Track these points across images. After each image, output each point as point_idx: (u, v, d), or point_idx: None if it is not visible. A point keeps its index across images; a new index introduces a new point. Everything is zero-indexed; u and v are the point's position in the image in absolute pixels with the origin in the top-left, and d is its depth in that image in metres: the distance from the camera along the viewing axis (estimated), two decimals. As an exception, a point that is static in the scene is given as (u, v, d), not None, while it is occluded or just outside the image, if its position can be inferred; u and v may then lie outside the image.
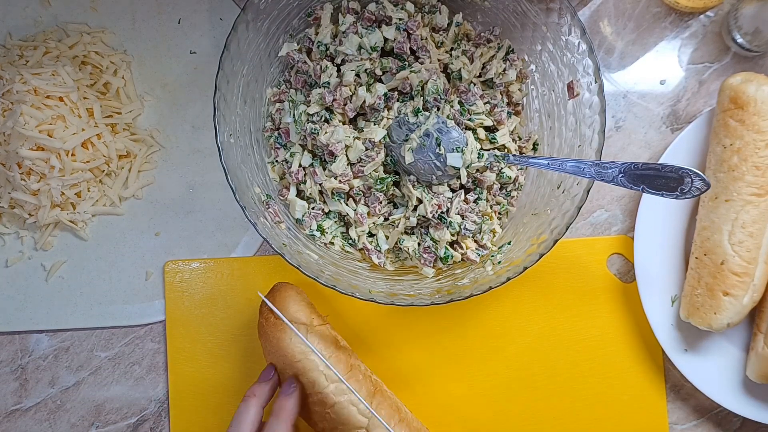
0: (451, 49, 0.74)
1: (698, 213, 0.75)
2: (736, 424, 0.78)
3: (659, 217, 0.77)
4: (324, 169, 0.70)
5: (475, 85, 0.72)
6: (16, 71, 0.75)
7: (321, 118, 0.70)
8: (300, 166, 0.71)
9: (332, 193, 0.71)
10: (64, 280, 0.80)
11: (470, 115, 0.71)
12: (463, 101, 0.71)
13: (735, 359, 0.76)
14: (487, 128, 0.73)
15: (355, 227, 0.71)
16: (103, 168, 0.79)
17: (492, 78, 0.73)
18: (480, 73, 0.73)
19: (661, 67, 0.81)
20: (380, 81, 0.71)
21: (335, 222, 0.72)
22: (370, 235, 0.72)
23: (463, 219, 0.70)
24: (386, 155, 0.71)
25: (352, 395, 0.67)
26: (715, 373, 0.75)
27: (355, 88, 0.70)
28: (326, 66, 0.70)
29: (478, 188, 0.72)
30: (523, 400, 0.78)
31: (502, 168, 0.71)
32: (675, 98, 0.81)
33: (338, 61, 0.71)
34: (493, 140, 0.72)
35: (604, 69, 0.81)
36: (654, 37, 0.81)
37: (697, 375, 0.75)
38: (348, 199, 0.72)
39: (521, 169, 0.74)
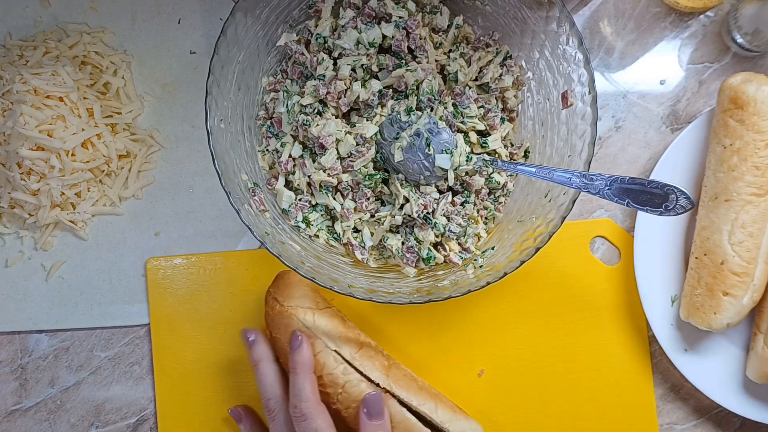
0: (450, 50, 0.74)
1: (698, 213, 0.75)
2: (736, 424, 0.78)
3: (659, 217, 0.76)
4: (313, 162, 0.70)
5: (470, 88, 0.72)
6: (16, 71, 0.75)
7: (314, 110, 0.70)
8: (290, 156, 0.71)
9: (320, 185, 0.71)
10: (64, 280, 0.80)
11: (463, 117, 0.71)
12: (457, 104, 0.71)
13: (735, 359, 0.76)
14: (479, 132, 0.73)
15: (341, 222, 0.71)
16: (103, 168, 0.79)
17: (488, 82, 0.73)
18: (476, 77, 0.73)
19: (661, 67, 0.81)
20: (376, 77, 0.71)
21: (321, 215, 0.72)
22: (356, 230, 0.72)
23: (448, 221, 0.70)
24: (377, 152, 0.71)
25: (362, 372, 0.68)
26: (715, 373, 0.75)
27: (350, 83, 0.70)
28: (323, 58, 0.70)
29: (465, 191, 0.72)
30: (514, 391, 0.78)
31: (491, 173, 0.71)
32: (675, 98, 0.81)
33: (335, 54, 0.71)
34: (484, 144, 0.72)
35: (604, 69, 0.81)
36: (654, 37, 0.81)
37: (697, 375, 0.75)
38: (336, 193, 0.72)
39: (511, 175, 0.74)
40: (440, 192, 0.71)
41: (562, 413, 0.78)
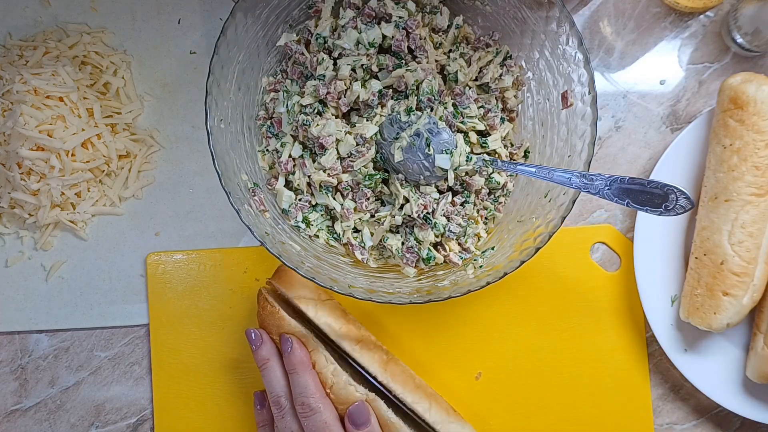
0: (450, 51, 0.74)
1: (698, 213, 0.75)
2: (736, 424, 0.78)
3: (659, 217, 0.76)
4: (313, 162, 0.70)
5: (470, 88, 0.72)
6: (16, 71, 0.75)
7: (314, 110, 0.70)
8: (290, 156, 0.71)
9: (320, 185, 0.71)
10: (64, 280, 0.80)
11: (463, 117, 0.71)
12: (457, 104, 0.71)
13: (735, 359, 0.76)
14: (479, 132, 0.73)
15: (341, 222, 0.71)
16: (103, 168, 0.79)
17: (488, 82, 0.73)
18: (476, 77, 0.73)
19: (661, 67, 0.81)
20: (376, 77, 0.71)
21: (321, 215, 0.72)
22: (355, 230, 0.72)
23: (448, 221, 0.70)
24: (377, 152, 0.71)
25: (350, 374, 0.69)
26: (715, 373, 0.75)
27: (350, 83, 0.70)
28: (323, 58, 0.70)
29: (465, 191, 0.72)
30: (511, 394, 0.78)
31: (491, 173, 0.71)
32: (675, 98, 0.81)
33: (335, 54, 0.71)
34: (484, 145, 0.72)
35: (604, 69, 0.81)
36: (654, 37, 0.81)
37: (697, 375, 0.75)
38: (336, 193, 0.72)
39: (510, 175, 0.74)
40: (440, 192, 0.71)
41: (559, 418, 0.78)
